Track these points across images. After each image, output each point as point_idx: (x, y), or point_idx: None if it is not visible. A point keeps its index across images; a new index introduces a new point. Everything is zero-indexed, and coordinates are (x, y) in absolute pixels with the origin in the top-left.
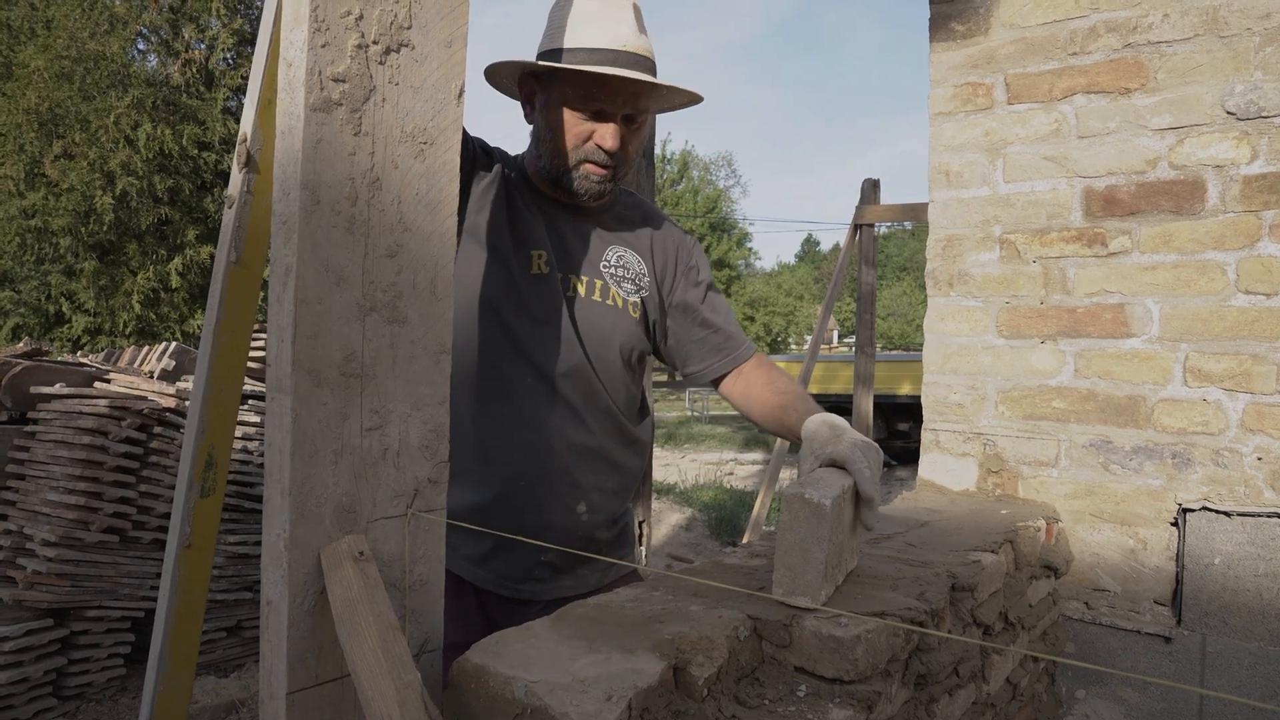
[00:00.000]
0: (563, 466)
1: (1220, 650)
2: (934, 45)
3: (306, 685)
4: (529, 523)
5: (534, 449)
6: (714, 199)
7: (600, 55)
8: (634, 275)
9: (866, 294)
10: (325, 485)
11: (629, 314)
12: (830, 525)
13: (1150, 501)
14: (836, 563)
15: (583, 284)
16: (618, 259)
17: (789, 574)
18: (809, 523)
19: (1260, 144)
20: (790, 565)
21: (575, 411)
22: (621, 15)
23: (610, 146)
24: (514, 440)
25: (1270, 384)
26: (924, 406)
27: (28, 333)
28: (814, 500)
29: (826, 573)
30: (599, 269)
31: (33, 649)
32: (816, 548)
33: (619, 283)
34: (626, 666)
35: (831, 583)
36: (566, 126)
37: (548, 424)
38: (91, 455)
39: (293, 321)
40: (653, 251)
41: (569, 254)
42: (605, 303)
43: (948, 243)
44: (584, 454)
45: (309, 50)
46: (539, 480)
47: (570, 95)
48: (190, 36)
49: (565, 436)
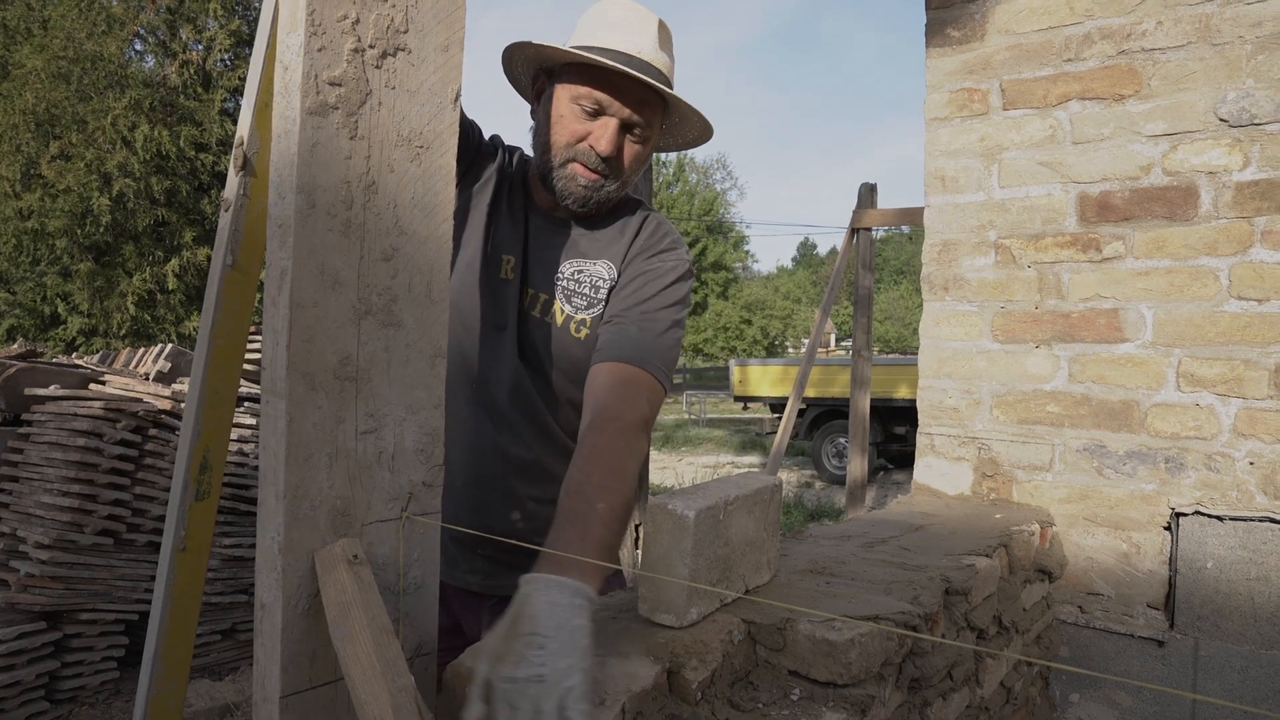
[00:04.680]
0: (496, 474)
1: (1212, 654)
2: (930, 51)
3: (300, 689)
4: (464, 522)
5: (470, 452)
6: (710, 201)
7: (613, 56)
8: (588, 289)
9: (864, 297)
10: (320, 488)
11: (569, 333)
12: (695, 539)
13: (1143, 506)
14: (720, 576)
15: (539, 299)
16: (574, 271)
17: (651, 589)
18: (671, 536)
19: (1252, 151)
20: (653, 581)
21: (511, 424)
22: (645, 26)
23: (604, 149)
24: (452, 439)
25: (1262, 389)
26: (919, 410)
27: (23, 334)
28: (677, 512)
29: (695, 590)
30: (554, 281)
31: (26, 652)
32: (680, 563)
33: (569, 297)
34: (621, 670)
35: (709, 600)
36: (564, 121)
37: (484, 431)
38: (86, 457)
39: (288, 324)
40: (628, 267)
41: (534, 264)
42: (546, 320)
43: (943, 247)
44: (519, 465)
45: (305, 54)
46: (473, 483)
47: (574, 88)
48: (188, 37)
49: (500, 446)
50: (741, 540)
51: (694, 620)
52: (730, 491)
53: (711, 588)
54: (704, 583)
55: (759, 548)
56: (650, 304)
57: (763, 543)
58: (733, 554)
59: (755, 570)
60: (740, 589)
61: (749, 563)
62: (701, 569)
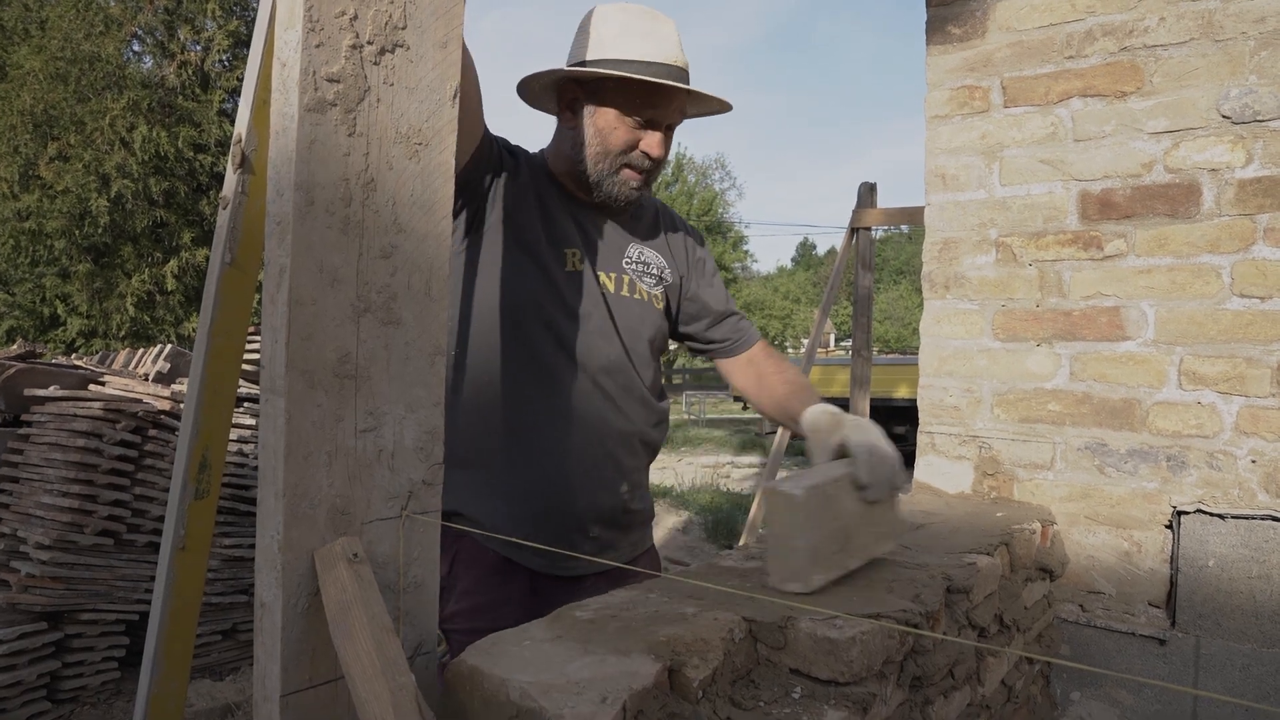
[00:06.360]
0: (607, 453)
1: (1214, 652)
2: (931, 48)
3: (301, 687)
4: (580, 506)
5: (581, 440)
6: (709, 201)
7: (655, 69)
8: (655, 270)
9: (863, 297)
10: (319, 487)
11: (654, 306)
12: (807, 514)
13: (1145, 504)
14: (839, 548)
15: (612, 280)
16: (639, 255)
17: (777, 563)
18: (786, 514)
19: (1255, 147)
20: (777, 555)
21: (614, 401)
22: (667, 31)
23: (657, 155)
24: (561, 431)
25: (1264, 387)
26: (920, 409)
27: (22, 335)
28: (787, 492)
29: (817, 559)
30: (623, 265)
31: (26, 652)
32: (798, 536)
33: (641, 277)
34: (621, 668)
35: (833, 567)
36: (617, 133)
37: (591, 415)
38: (86, 458)
39: (287, 322)
40: (670, 247)
41: (597, 251)
42: (634, 297)
43: (944, 246)
44: (624, 439)
45: (303, 50)
46: (589, 469)
47: (625, 104)
48: (186, 38)
49: (609, 425)
50: (855, 513)
51: (819, 586)
52: (838, 470)
53: (829, 557)
54: (825, 553)
55: (877, 519)
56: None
57: (881, 514)
58: (849, 525)
59: (876, 540)
60: (863, 558)
61: (868, 533)
62: (820, 541)
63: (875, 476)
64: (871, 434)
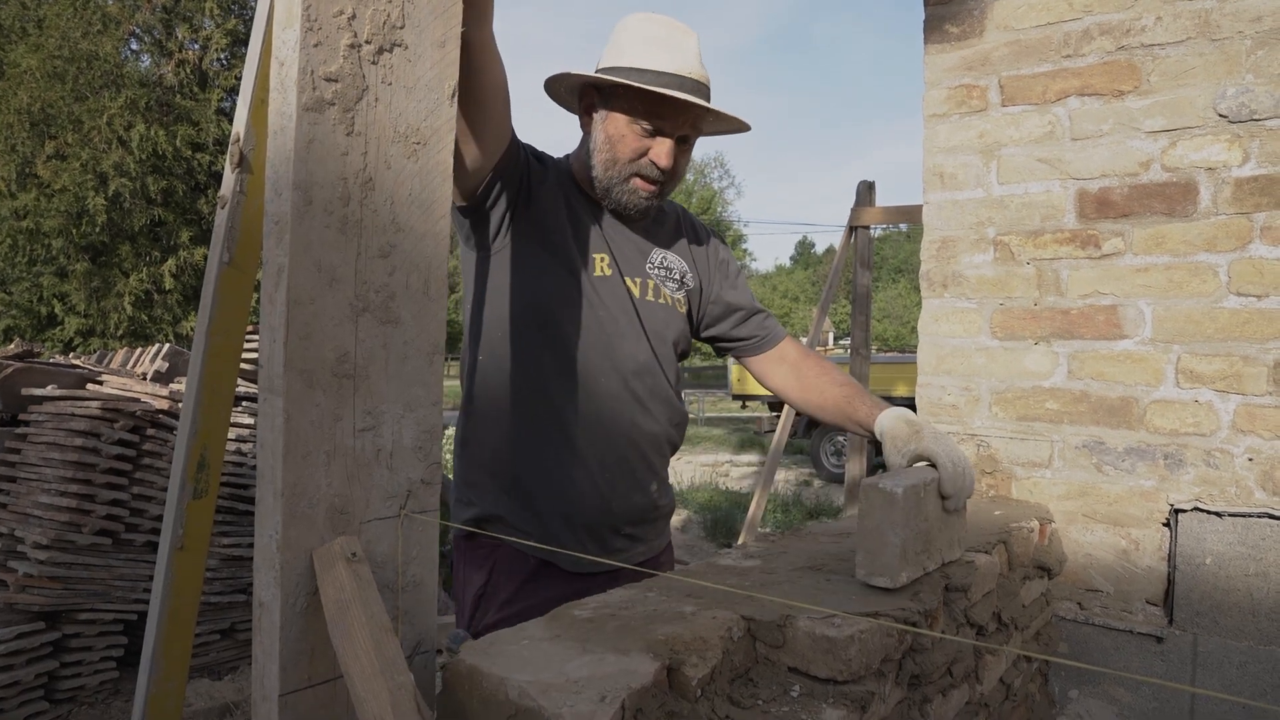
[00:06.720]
0: (639, 454)
1: (1211, 649)
2: (928, 47)
3: (299, 687)
4: (615, 506)
5: (615, 442)
6: (708, 199)
7: (666, 79)
8: (677, 275)
9: (862, 296)
10: (318, 486)
11: (677, 310)
12: (903, 512)
13: (1142, 502)
14: (922, 548)
15: (637, 285)
16: (661, 260)
17: (868, 557)
18: (883, 510)
19: (1252, 146)
20: (869, 549)
21: (644, 403)
22: (687, 43)
23: (665, 164)
24: (597, 434)
25: (1261, 385)
26: (918, 408)
27: (19, 334)
28: (887, 489)
29: (905, 556)
30: (647, 270)
31: (24, 652)
32: (891, 533)
33: (664, 282)
34: (620, 667)
35: (915, 566)
36: (625, 141)
37: (624, 417)
38: (84, 457)
39: (285, 322)
40: (691, 252)
41: (624, 257)
42: (659, 301)
43: (942, 244)
44: (653, 440)
45: (301, 49)
46: (624, 470)
47: (633, 111)
48: (184, 37)
49: (640, 427)
50: (937, 518)
51: (904, 583)
52: (926, 475)
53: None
54: (911, 552)
55: (951, 526)
56: (741, 280)
57: (954, 522)
58: (931, 529)
59: (949, 546)
60: (938, 561)
61: (944, 539)
62: (909, 540)
63: (957, 488)
64: (952, 446)
